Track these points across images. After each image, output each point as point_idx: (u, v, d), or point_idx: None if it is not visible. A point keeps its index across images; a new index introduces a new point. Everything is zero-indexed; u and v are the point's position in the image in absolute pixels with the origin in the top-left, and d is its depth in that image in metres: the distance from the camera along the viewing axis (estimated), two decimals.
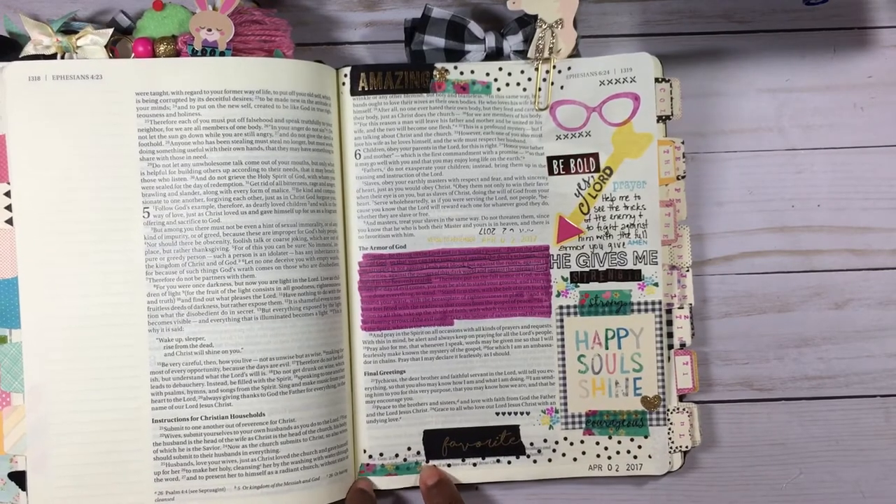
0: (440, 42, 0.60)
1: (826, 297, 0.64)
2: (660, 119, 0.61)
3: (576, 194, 0.61)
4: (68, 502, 0.56)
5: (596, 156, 0.60)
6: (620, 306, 0.61)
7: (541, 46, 0.59)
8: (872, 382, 0.64)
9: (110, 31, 0.57)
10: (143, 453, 0.56)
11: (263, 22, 0.58)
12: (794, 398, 0.64)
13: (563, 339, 0.61)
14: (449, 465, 0.60)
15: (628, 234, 0.61)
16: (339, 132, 0.60)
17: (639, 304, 0.61)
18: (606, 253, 0.61)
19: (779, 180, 0.64)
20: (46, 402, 0.56)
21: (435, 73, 0.60)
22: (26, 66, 0.56)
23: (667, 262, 0.61)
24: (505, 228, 0.60)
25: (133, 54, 0.57)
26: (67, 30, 0.58)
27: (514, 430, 0.61)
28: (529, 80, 0.60)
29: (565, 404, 0.61)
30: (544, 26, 0.59)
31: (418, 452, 0.60)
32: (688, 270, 0.61)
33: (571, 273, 0.61)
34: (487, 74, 0.60)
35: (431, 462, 0.60)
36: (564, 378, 0.61)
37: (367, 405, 0.60)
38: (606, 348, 0.61)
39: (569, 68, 0.60)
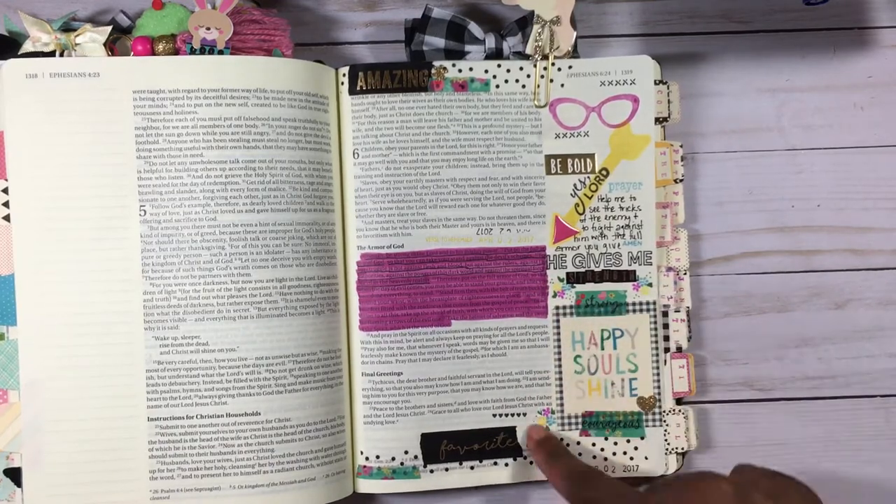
0: (440, 42, 0.60)
1: (826, 297, 0.64)
2: (657, 121, 0.61)
3: (571, 194, 0.60)
4: (64, 500, 0.56)
5: (592, 156, 0.60)
6: (616, 307, 0.60)
7: (539, 43, 0.59)
8: (872, 382, 0.63)
9: (109, 28, 0.57)
10: (138, 451, 0.56)
11: (262, 21, 0.58)
12: (794, 398, 0.63)
13: (559, 340, 0.61)
14: (447, 470, 0.60)
15: (623, 234, 0.60)
16: (339, 132, 0.60)
17: (633, 304, 0.60)
18: (602, 253, 0.60)
19: (779, 180, 0.64)
20: (42, 399, 0.56)
21: (433, 71, 0.60)
22: (24, 64, 0.56)
23: (664, 264, 0.61)
24: (502, 229, 0.60)
25: (132, 53, 0.57)
26: (67, 28, 0.58)
27: (511, 431, 0.60)
28: (528, 76, 0.60)
29: (562, 405, 0.60)
30: (542, 22, 0.59)
31: (415, 457, 0.59)
32: (685, 274, 0.61)
33: (567, 274, 0.60)
34: (486, 72, 0.60)
35: (429, 467, 0.59)
36: (561, 379, 0.60)
37: (364, 406, 0.59)
38: (602, 349, 0.61)
39: (570, 67, 0.60)
